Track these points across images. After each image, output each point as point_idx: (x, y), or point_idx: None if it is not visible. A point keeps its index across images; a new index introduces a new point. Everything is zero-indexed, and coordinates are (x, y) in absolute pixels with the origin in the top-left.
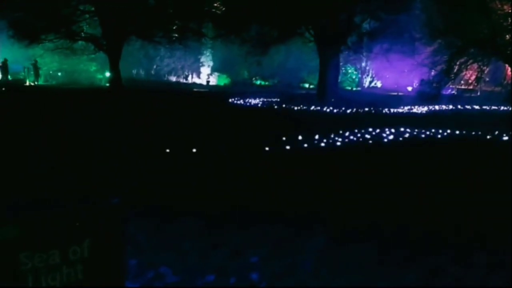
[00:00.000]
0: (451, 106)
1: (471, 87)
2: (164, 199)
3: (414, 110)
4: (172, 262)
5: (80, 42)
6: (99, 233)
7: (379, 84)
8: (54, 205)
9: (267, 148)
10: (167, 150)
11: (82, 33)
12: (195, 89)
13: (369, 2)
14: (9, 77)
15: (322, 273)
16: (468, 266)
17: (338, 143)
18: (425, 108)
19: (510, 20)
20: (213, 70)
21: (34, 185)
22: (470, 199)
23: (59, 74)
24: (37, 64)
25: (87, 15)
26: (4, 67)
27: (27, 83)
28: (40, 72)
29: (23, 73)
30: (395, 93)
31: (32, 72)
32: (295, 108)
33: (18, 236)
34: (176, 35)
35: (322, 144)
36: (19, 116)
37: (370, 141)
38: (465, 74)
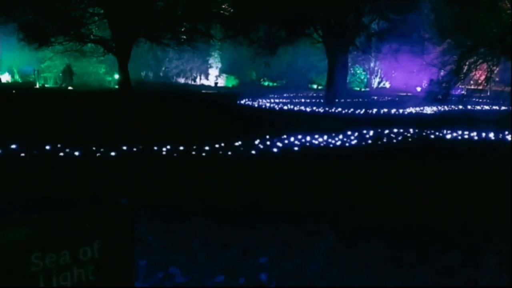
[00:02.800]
0: (460, 106)
1: (480, 87)
2: (173, 199)
3: (424, 111)
4: (182, 263)
5: (89, 44)
6: (109, 233)
7: (387, 85)
8: (63, 205)
9: (275, 150)
10: (177, 150)
11: (91, 36)
12: (203, 91)
13: (377, 2)
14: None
15: (331, 273)
16: (477, 267)
17: (347, 144)
18: (435, 108)
19: None
20: (221, 71)
21: (43, 185)
22: (477, 199)
23: None
24: (71, 68)
25: (96, 18)
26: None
27: (37, 85)
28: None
29: (33, 76)
30: (404, 94)
31: (67, 76)
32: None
33: (29, 237)
34: (185, 37)
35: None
36: (27, 117)
37: (379, 142)
38: (475, 74)
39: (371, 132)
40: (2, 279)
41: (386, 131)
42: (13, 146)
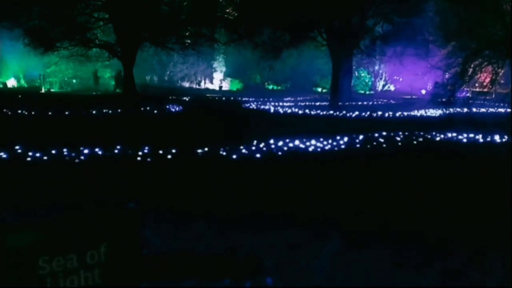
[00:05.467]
0: (465, 109)
1: (486, 89)
2: (178, 203)
3: (429, 113)
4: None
5: (94, 49)
6: (116, 237)
7: (392, 88)
8: (70, 209)
9: (280, 153)
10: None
11: (97, 40)
12: (208, 95)
13: (381, 5)
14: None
15: (337, 276)
16: (484, 269)
17: (352, 147)
18: (440, 111)
19: None
20: (226, 75)
21: (49, 189)
22: (481, 202)
23: (74, 81)
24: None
25: (101, 22)
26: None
27: (43, 90)
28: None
29: (38, 80)
30: (409, 96)
31: (119, 82)
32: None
33: (36, 241)
34: (189, 41)
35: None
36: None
37: (384, 145)
38: (480, 76)
39: (376, 135)
40: (10, 282)
41: (391, 134)
42: (19, 150)
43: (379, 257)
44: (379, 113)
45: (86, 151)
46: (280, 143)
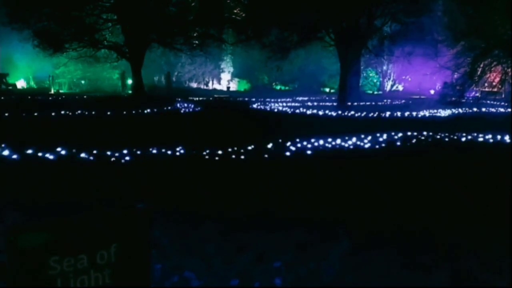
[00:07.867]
0: (475, 109)
1: (495, 89)
2: (186, 204)
3: (438, 114)
4: (197, 267)
5: (103, 50)
6: (126, 237)
7: (400, 88)
8: (80, 209)
9: (288, 153)
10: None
11: (105, 41)
12: (215, 95)
13: (389, 5)
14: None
15: (346, 278)
16: (495, 271)
17: (360, 148)
18: (449, 111)
19: None
20: (233, 75)
21: (60, 189)
22: (496, 204)
23: (83, 82)
24: (170, 75)
25: (109, 24)
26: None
27: (52, 91)
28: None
29: (48, 82)
30: (418, 96)
31: (168, 82)
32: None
33: (47, 241)
34: (197, 41)
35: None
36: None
37: (392, 145)
38: (489, 76)
39: (385, 136)
40: (21, 282)
41: (400, 134)
42: (29, 151)
43: (389, 258)
44: (387, 113)
45: (95, 151)
46: (288, 143)
